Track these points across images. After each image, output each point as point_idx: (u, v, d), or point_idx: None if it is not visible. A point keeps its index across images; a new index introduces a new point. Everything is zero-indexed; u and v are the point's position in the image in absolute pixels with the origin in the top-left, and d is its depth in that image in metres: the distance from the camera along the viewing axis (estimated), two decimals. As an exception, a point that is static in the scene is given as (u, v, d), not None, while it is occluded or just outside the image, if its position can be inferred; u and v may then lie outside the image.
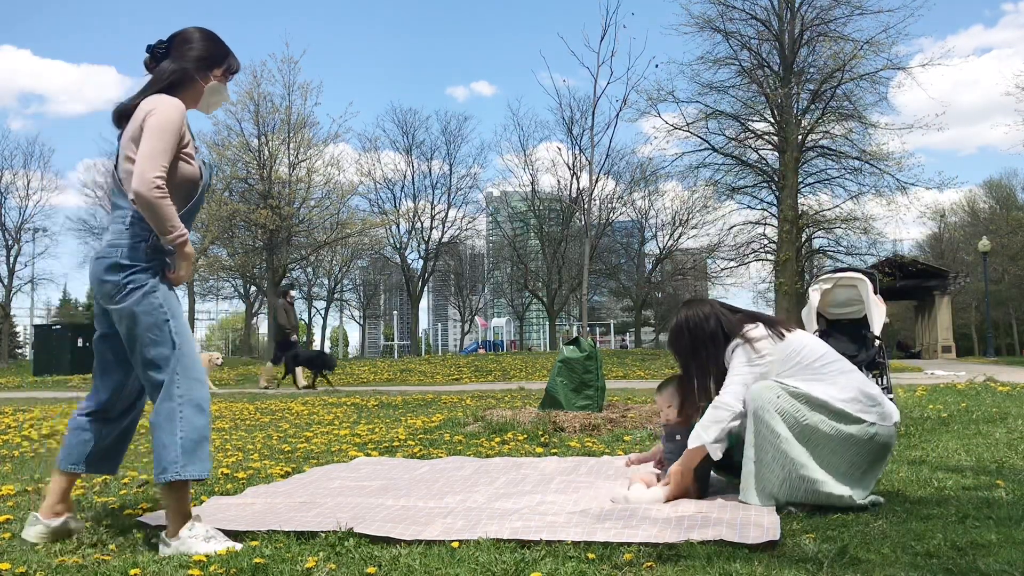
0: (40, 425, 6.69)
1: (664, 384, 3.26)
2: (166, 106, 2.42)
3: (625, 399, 7.54)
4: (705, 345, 2.99)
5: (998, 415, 5.55)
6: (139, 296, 2.41)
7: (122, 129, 2.51)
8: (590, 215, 21.53)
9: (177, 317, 2.47)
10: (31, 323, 45.85)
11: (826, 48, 22.96)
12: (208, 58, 2.60)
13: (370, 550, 2.35)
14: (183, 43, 2.58)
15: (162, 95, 2.47)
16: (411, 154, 40.07)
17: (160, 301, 2.43)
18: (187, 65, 2.56)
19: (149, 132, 2.36)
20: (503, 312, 58.51)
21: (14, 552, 2.43)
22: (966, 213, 45.98)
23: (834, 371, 2.88)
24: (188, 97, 2.57)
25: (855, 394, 2.81)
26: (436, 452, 4.60)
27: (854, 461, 2.78)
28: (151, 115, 2.39)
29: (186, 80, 2.56)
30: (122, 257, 2.41)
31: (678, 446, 3.08)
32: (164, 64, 2.56)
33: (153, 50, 2.58)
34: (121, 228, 2.44)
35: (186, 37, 2.60)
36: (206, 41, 2.61)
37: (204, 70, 2.59)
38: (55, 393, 14.50)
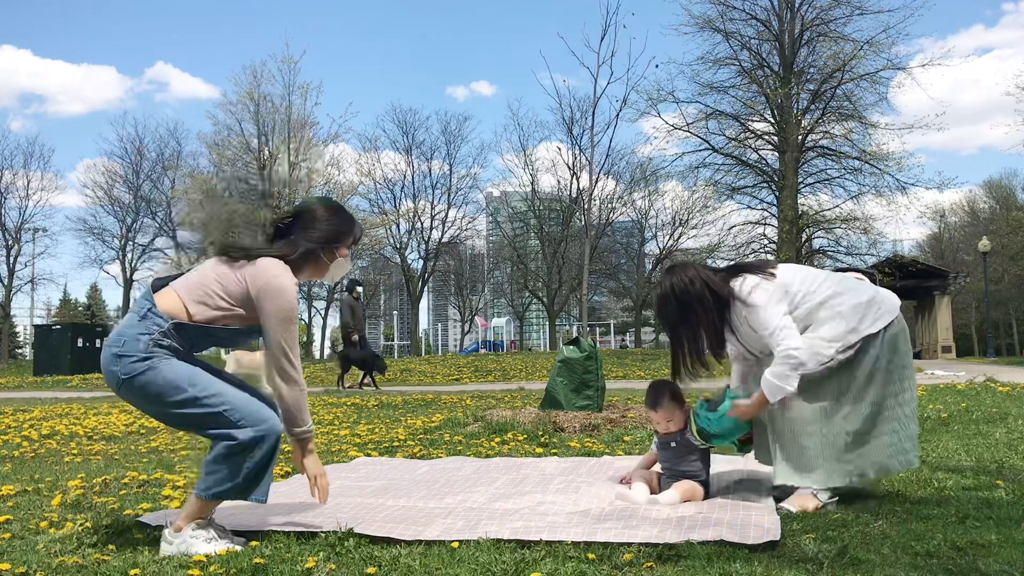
0: (40, 425, 6.68)
1: (657, 398, 3.11)
2: (291, 295, 2.46)
3: (625, 399, 7.54)
4: (693, 308, 2.92)
5: (998, 415, 5.55)
6: (142, 382, 2.38)
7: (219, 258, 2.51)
8: (590, 215, 21.53)
9: (192, 378, 2.42)
10: (31, 323, 45.87)
11: (826, 48, 22.98)
12: (335, 237, 2.63)
13: (370, 550, 2.35)
14: (311, 220, 2.60)
15: (287, 272, 2.49)
16: (411, 154, 40.06)
17: (161, 376, 2.38)
18: (314, 245, 2.59)
19: (282, 323, 2.44)
20: (503, 312, 58.51)
21: (14, 552, 2.43)
22: (966, 213, 45.97)
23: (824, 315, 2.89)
24: (312, 270, 2.63)
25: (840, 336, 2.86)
26: (436, 452, 4.60)
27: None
28: (279, 299, 2.44)
29: (313, 258, 2.60)
30: (122, 348, 2.40)
31: (673, 453, 3.07)
32: (293, 239, 2.57)
33: (277, 224, 2.62)
34: (134, 319, 2.45)
35: (313, 214, 2.62)
36: (333, 219, 2.63)
37: (331, 248, 2.63)
38: (55, 393, 14.50)
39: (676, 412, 3.08)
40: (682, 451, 3.05)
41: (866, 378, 2.88)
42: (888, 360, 2.91)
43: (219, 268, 2.49)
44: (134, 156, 38.00)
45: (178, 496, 3.29)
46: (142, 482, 3.70)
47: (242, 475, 2.40)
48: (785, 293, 2.91)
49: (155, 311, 2.43)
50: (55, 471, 4.19)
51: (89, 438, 5.78)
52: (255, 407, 2.46)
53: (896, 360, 2.92)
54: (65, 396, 13.05)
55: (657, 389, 3.14)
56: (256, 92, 26.72)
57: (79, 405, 9.52)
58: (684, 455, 3.05)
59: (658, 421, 3.13)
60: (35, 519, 2.92)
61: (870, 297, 2.94)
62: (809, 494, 2.83)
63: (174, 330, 2.42)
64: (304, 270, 2.61)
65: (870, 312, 2.90)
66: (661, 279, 3.06)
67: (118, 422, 6.86)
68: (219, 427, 2.39)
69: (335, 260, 2.66)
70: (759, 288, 2.91)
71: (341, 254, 2.67)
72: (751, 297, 2.89)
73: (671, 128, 24.13)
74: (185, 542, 2.39)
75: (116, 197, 38.34)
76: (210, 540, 2.40)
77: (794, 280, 2.95)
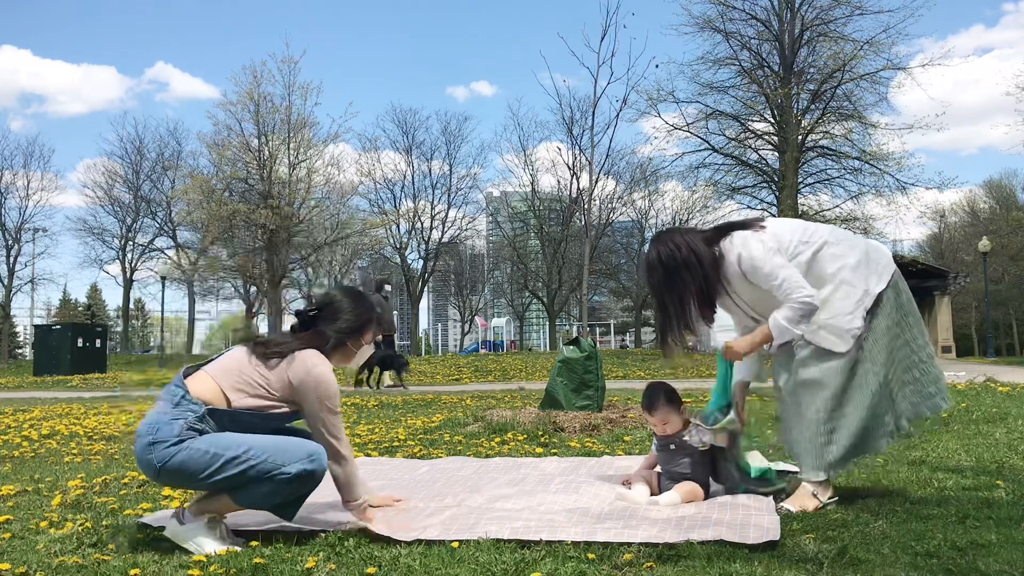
0: (40, 425, 6.68)
1: (652, 401, 3.10)
2: (332, 383, 2.60)
3: (625, 399, 7.53)
4: (679, 275, 2.87)
5: (998, 415, 5.55)
6: (176, 463, 2.41)
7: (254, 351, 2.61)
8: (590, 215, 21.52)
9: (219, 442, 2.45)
10: (31, 323, 45.85)
11: (826, 48, 22.97)
12: (361, 327, 2.78)
13: (370, 550, 2.35)
14: (335, 312, 2.73)
15: (325, 361, 2.63)
16: (411, 154, 40.07)
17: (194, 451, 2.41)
18: (341, 335, 2.72)
19: (326, 410, 2.58)
20: (503, 312, 58.50)
21: (14, 552, 2.43)
22: (966, 213, 45.95)
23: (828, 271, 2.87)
24: (340, 358, 2.76)
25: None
26: (436, 452, 4.60)
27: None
28: (321, 388, 2.57)
29: (340, 346, 2.74)
30: (156, 435, 2.43)
31: (671, 455, 3.07)
32: (321, 330, 2.70)
33: (302, 315, 2.76)
34: (167, 406, 2.49)
35: (337, 307, 2.75)
36: (356, 310, 2.77)
37: (356, 337, 2.77)
38: (55, 393, 14.50)
39: (672, 414, 3.06)
40: (681, 453, 3.04)
41: (882, 336, 2.85)
42: (896, 311, 2.90)
43: (255, 359, 2.58)
44: (134, 156, 38.01)
45: (178, 496, 3.29)
46: (142, 482, 3.70)
47: (282, 497, 2.48)
48: (779, 243, 2.87)
49: (188, 398, 2.48)
50: (55, 471, 4.19)
51: (89, 438, 5.78)
52: (295, 444, 2.51)
53: (902, 309, 2.92)
54: (65, 396, 13.05)
55: (652, 392, 3.13)
56: (256, 92, 26.71)
57: (79, 405, 9.52)
58: (682, 457, 3.04)
59: (654, 424, 3.12)
60: (35, 519, 2.92)
61: (864, 251, 2.93)
62: (809, 494, 2.83)
63: (208, 415, 2.47)
64: (332, 358, 2.72)
65: (872, 269, 2.89)
66: (648, 248, 3.03)
67: (118, 422, 6.86)
68: (268, 473, 2.43)
69: (360, 348, 2.81)
70: (752, 241, 2.86)
71: (365, 341, 2.82)
72: (746, 251, 2.85)
73: (671, 128, 24.12)
74: (194, 531, 2.42)
75: (116, 197, 38.41)
76: (217, 539, 2.42)
77: (785, 230, 2.93)
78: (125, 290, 39.17)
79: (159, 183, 38.17)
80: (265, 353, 2.58)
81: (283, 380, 2.55)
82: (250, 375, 2.54)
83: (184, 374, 2.58)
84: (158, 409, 2.49)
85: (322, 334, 2.68)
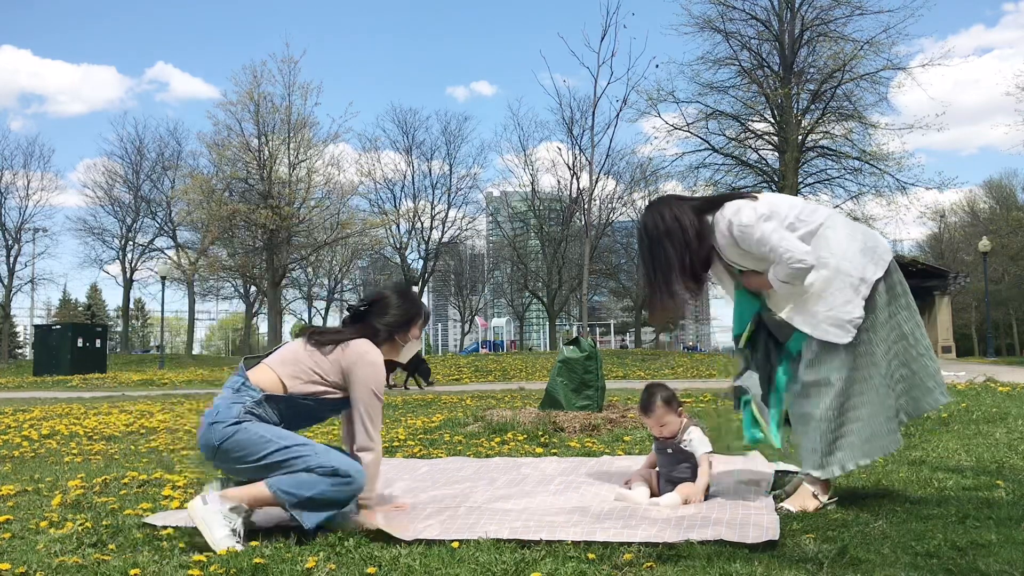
0: (40, 425, 6.68)
1: (648, 403, 3.08)
2: (381, 370, 2.76)
3: (625, 399, 7.53)
4: (663, 245, 2.87)
5: (998, 415, 5.55)
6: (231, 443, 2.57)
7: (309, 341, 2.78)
8: (590, 215, 21.52)
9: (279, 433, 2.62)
10: (31, 323, 45.88)
11: (826, 48, 22.98)
12: (408, 321, 2.93)
13: (370, 550, 2.35)
14: (384, 307, 2.89)
15: (376, 350, 2.78)
16: (411, 154, 40.05)
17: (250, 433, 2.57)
18: (390, 328, 2.88)
19: (370, 393, 2.72)
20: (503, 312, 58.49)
21: (14, 552, 2.43)
22: (966, 213, 45.94)
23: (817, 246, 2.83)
24: (389, 350, 2.91)
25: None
26: (436, 452, 4.60)
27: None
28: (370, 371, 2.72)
29: (389, 339, 2.89)
30: (216, 416, 2.62)
31: (670, 459, 3.06)
32: (370, 322, 2.86)
33: (355, 310, 2.91)
34: (229, 392, 2.70)
35: (386, 302, 2.90)
36: (404, 305, 2.92)
37: (404, 331, 2.92)
38: (55, 393, 14.50)
39: (668, 416, 3.04)
40: (679, 458, 3.04)
41: (881, 328, 2.82)
42: (893, 301, 2.87)
43: (310, 348, 2.75)
44: (134, 156, 37.99)
45: (178, 496, 3.29)
46: (142, 482, 3.70)
47: (315, 491, 2.53)
48: (773, 212, 2.83)
49: (248, 384, 2.68)
50: (55, 471, 4.19)
51: (89, 438, 5.78)
52: (344, 455, 2.69)
53: (898, 300, 2.88)
54: (65, 396, 13.05)
55: (649, 393, 3.11)
56: (256, 92, 26.72)
57: (79, 405, 9.52)
58: (680, 462, 3.03)
59: (651, 426, 3.11)
60: (35, 519, 2.92)
61: (862, 238, 2.89)
62: (810, 494, 2.83)
63: (265, 401, 2.65)
64: (382, 351, 2.84)
65: (868, 257, 2.85)
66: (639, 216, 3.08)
67: (118, 422, 6.86)
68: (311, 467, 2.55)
69: (408, 342, 2.95)
70: (745, 208, 2.84)
71: (412, 336, 2.96)
72: (737, 218, 2.82)
73: (671, 128, 24.13)
74: (212, 514, 2.44)
75: (116, 197, 38.37)
76: (230, 531, 2.44)
77: (782, 204, 2.90)
78: (125, 290, 39.15)
79: (159, 183, 38.17)
80: (320, 341, 2.75)
81: (337, 366, 2.72)
82: (305, 363, 2.72)
83: (245, 365, 2.76)
84: (221, 395, 2.69)
85: (372, 327, 2.83)
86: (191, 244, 34.70)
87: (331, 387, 2.73)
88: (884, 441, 2.81)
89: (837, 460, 2.80)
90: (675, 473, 3.03)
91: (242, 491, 2.54)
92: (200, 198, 26.76)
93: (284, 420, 2.70)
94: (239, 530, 2.48)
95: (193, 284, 37.22)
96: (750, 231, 2.80)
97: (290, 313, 51.47)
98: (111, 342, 35.29)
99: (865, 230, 2.98)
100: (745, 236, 2.82)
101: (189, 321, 39.91)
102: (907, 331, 2.88)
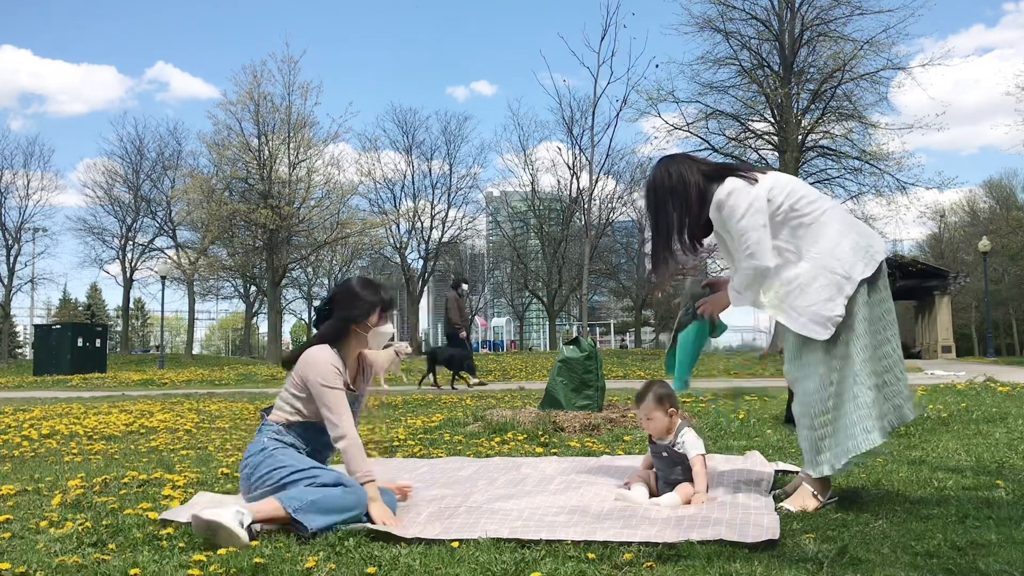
0: (40, 425, 6.68)
1: (641, 395, 3.10)
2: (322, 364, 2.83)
3: (625, 399, 7.53)
4: (666, 200, 2.96)
5: (998, 415, 5.55)
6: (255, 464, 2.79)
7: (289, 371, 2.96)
8: (590, 215, 21.52)
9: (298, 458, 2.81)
10: (31, 323, 45.86)
11: (826, 48, 22.94)
12: (366, 311, 2.96)
13: (370, 550, 2.35)
14: (344, 300, 2.97)
15: (323, 349, 2.88)
16: (411, 154, 40.02)
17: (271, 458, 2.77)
18: (347, 320, 2.94)
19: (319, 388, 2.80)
20: (503, 312, 58.49)
21: (14, 552, 2.43)
22: (966, 213, 45.94)
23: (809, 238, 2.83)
24: (356, 342, 2.97)
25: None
26: (436, 452, 4.60)
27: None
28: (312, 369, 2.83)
29: (347, 331, 2.95)
30: (249, 452, 2.87)
31: (666, 463, 3.06)
32: (335, 316, 2.95)
33: (319, 310, 3.01)
34: (258, 434, 2.92)
35: (348, 294, 2.98)
36: (363, 294, 2.97)
37: (362, 321, 2.95)
38: (55, 393, 14.50)
39: (656, 412, 3.04)
40: (674, 460, 3.04)
41: (864, 332, 2.80)
42: (879, 304, 2.86)
43: (288, 376, 2.94)
44: (134, 156, 37.96)
45: (178, 496, 3.29)
46: (142, 482, 3.70)
47: (316, 496, 2.59)
48: (767, 202, 2.84)
49: (267, 423, 2.91)
50: (55, 471, 4.19)
51: (89, 438, 5.78)
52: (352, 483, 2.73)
53: (883, 304, 2.87)
54: (65, 396, 13.05)
55: (646, 387, 3.13)
56: (256, 92, 26.68)
57: (79, 405, 9.52)
58: (675, 464, 3.03)
59: (640, 418, 3.14)
60: (35, 519, 2.92)
61: (855, 235, 2.86)
62: (809, 494, 2.83)
63: (286, 429, 2.87)
64: (349, 344, 2.96)
65: (858, 256, 2.82)
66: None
67: (118, 422, 6.86)
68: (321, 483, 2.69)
69: (371, 331, 2.97)
70: (737, 192, 2.85)
71: (373, 324, 2.97)
72: (730, 199, 2.85)
73: (671, 128, 24.09)
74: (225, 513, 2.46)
75: (116, 197, 38.30)
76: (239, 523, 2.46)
77: (780, 190, 2.88)
78: (125, 290, 39.12)
79: (159, 183, 38.10)
80: (288, 368, 2.94)
81: (296, 381, 2.87)
82: (285, 395, 2.91)
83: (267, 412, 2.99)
84: (263, 429, 2.92)
85: (330, 324, 2.94)
86: (191, 244, 34.64)
87: (303, 400, 2.87)
88: (864, 439, 2.77)
89: (826, 460, 2.81)
90: (672, 476, 3.03)
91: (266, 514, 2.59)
92: (200, 198, 26.73)
93: (311, 442, 2.88)
94: (245, 527, 2.49)
95: (193, 284, 37.17)
96: (733, 220, 2.84)
97: (290, 313, 51.52)
98: (111, 342, 35.26)
99: (861, 227, 2.94)
100: (729, 218, 2.86)
101: (189, 321, 39.84)
102: (890, 335, 2.87)
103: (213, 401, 9.96)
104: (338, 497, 2.61)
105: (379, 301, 2.99)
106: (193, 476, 3.82)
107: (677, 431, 3.04)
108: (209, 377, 18.27)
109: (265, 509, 2.59)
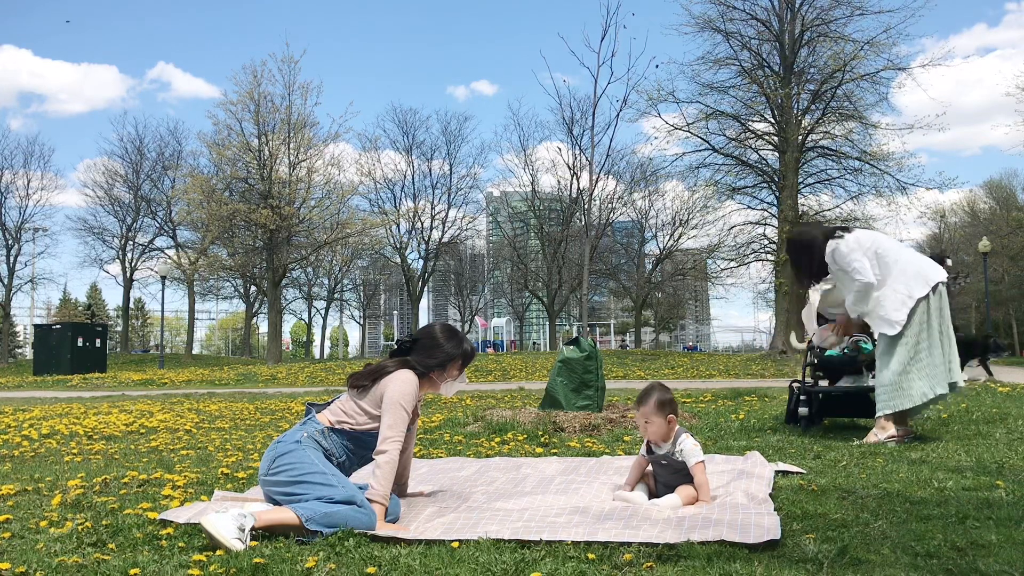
0: (40, 425, 6.68)
1: (641, 397, 3.10)
2: (408, 386, 2.95)
3: (625, 399, 7.53)
4: (799, 252, 4.87)
5: (998, 415, 5.55)
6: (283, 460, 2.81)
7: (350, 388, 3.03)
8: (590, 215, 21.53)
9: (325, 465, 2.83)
10: (31, 323, 45.86)
11: (826, 48, 22.91)
12: (445, 362, 3.09)
13: (370, 550, 2.35)
14: (426, 345, 3.09)
15: (410, 374, 2.99)
16: (411, 154, 40.03)
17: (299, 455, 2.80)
18: (426, 367, 3.06)
19: (392, 404, 2.89)
20: (503, 312, 58.49)
21: (14, 552, 2.43)
22: (966, 213, 45.94)
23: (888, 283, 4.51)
24: (427, 385, 3.10)
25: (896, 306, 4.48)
26: (436, 452, 4.60)
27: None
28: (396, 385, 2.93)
29: (427, 377, 3.08)
30: (283, 438, 2.91)
31: (665, 470, 3.06)
32: (414, 357, 3.06)
33: (401, 343, 3.12)
34: (298, 424, 2.97)
35: (430, 340, 3.10)
36: (446, 346, 3.09)
37: (440, 370, 3.09)
38: (55, 393, 14.50)
39: (655, 417, 3.03)
40: (674, 467, 3.03)
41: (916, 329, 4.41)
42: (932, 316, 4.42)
43: (352, 392, 3.01)
44: (134, 156, 37.95)
45: (178, 496, 3.29)
46: (142, 482, 3.70)
47: (329, 510, 2.60)
48: (859, 244, 4.54)
49: (314, 418, 2.96)
50: (55, 471, 4.19)
51: (89, 438, 5.78)
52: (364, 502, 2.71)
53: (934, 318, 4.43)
54: (65, 396, 13.05)
55: (649, 389, 3.13)
56: (256, 92, 26.70)
57: (79, 405, 9.52)
58: (675, 471, 3.03)
59: (638, 420, 3.13)
60: (35, 519, 2.92)
61: (917, 266, 4.50)
62: (881, 427, 4.42)
63: (331, 432, 2.91)
64: (423, 385, 3.07)
65: (918, 281, 4.43)
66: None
67: (118, 422, 6.86)
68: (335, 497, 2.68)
69: (446, 381, 3.12)
70: (843, 243, 4.58)
71: (451, 376, 3.12)
72: (840, 248, 4.56)
73: (671, 128, 24.08)
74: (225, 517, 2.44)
75: (116, 197, 38.30)
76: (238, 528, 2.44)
77: (867, 239, 4.62)
78: (125, 290, 39.11)
79: (159, 183, 38.09)
80: (356, 384, 2.99)
81: (375, 396, 2.94)
82: (348, 406, 2.96)
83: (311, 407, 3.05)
84: (297, 425, 2.96)
85: (409, 363, 3.03)
86: (191, 244, 34.65)
87: (373, 416, 2.93)
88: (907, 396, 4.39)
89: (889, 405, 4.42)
90: (673, 483, 3.02)
91: (262, 513, 2.58)
92: (200, 198, 26.74)
93: (345, 453, 2.92)
94: (247, 531, 2.48)
95: (193, 284, 37.16)
96: (845, 255, 4.56)
97: (290, 313, 51.52)
98: (111, 342, 35.27)
99: (924, 262, 4.57)
100: (843, 258, 4.56)
101: (189, 321, 39.84)
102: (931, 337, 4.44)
103: (213, 401, 9.96)
104: (349, 516, 2.61)
105: (460, 354, 3.10)
106: (193, 476, 3.82)
107: (675, 439, 3.04)
108: (209, 377, 18.27)
109: (277, 516, 2.59)
